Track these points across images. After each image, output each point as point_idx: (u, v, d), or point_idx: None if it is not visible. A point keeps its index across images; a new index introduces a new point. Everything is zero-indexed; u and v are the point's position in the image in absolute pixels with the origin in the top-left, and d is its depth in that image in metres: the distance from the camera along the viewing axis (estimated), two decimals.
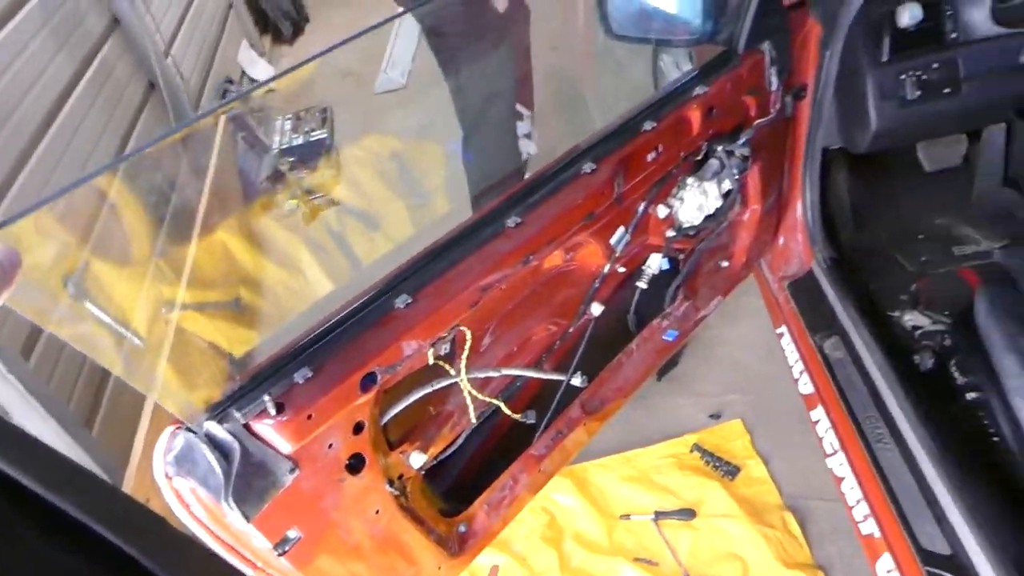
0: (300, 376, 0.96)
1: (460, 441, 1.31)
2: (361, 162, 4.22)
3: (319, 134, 4.46)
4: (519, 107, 2.45)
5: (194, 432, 0.90)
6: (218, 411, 0.92)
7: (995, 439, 1.46)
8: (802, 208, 1.86)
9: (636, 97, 1.49)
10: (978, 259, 2.00)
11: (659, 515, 2.11)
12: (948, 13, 1.57)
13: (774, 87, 1.60)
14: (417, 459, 1.19)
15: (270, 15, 5.60)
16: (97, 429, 2.45)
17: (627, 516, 2.15)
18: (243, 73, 5.00)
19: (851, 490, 1.57)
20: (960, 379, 1.61)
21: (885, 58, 1.60)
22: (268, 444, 0.94)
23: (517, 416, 1.29)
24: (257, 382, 0.95)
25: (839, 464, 1.62)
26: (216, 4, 4.93)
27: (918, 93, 1.58)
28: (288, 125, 4.41)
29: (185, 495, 0.91)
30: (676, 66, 2.65)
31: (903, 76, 1.58)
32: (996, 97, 1.60)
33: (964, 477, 1.38)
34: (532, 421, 1.31)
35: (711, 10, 1.53)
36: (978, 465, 1.42)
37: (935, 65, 1.57)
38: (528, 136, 2.46)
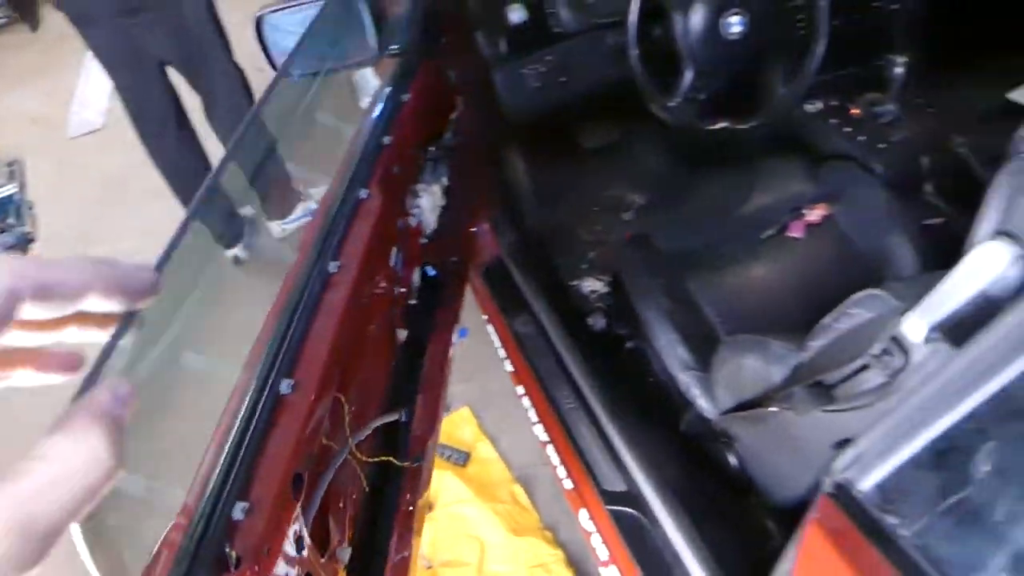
0: (239, 512, 0.79)
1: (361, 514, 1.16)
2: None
3: (8, 190, 4.05)
4: None
5: None
6: None
7: (651, 380, 1.64)
8: None
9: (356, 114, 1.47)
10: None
11: None
12: (549, 11, 1.74)
13: (453, 85, 1.67)
14: (344, 554, 1.03)
15: None
16: None
17: None
18: None
19: (553, 453, 1.70)
20: (621, 332, 1.80)
21: (505, 55, 1.74)
22: None
23: (406, 463, 1.20)
24: (193, 541, 0.76)
25: (542, 431, 1.75)
26: None
27: (538, 84, 1.72)
28: None
29: None
30: (365, 79, 2.69)
31: (524, 70, 1.72)
32: (600, 81, 1.78)
33: (631, 421, 1.54)
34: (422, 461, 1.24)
35: (378, 25, 1.53)
36: (641, 407, 1.60)
37: (548, 58, 1.72)
38: None
